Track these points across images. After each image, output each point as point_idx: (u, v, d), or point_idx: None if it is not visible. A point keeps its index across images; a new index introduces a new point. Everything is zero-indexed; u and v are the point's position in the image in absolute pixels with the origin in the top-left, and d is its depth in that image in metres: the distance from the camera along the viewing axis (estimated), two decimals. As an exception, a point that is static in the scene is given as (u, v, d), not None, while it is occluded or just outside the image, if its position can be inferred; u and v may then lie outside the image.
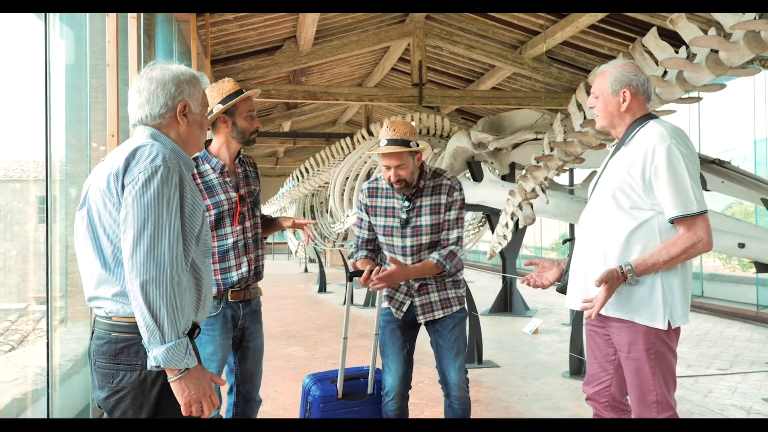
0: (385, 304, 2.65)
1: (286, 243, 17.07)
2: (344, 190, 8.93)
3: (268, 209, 15.55)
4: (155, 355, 1.42)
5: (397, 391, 2.59)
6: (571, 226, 6.79)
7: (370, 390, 2.66)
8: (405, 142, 2.52)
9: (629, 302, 2.02)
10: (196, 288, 1.60)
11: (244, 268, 2.41)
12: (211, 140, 2.50)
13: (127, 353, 1.50)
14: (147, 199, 1.44)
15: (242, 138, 2.46)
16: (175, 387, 1.46)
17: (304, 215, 12.57)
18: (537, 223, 13.77)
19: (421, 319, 2.59)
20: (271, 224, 2.64)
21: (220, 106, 2.40)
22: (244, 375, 2.52)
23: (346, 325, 2.73)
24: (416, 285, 2.58)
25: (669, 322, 2.01)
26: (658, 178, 1.97)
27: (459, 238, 2.58)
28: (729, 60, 3.05)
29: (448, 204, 2.58)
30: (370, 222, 2.68)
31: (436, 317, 2.59)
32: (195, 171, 2.38)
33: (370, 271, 2.46)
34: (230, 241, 2.40)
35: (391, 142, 2.52)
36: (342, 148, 9.12)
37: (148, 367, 1.44)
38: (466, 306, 2.69)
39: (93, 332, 1.58)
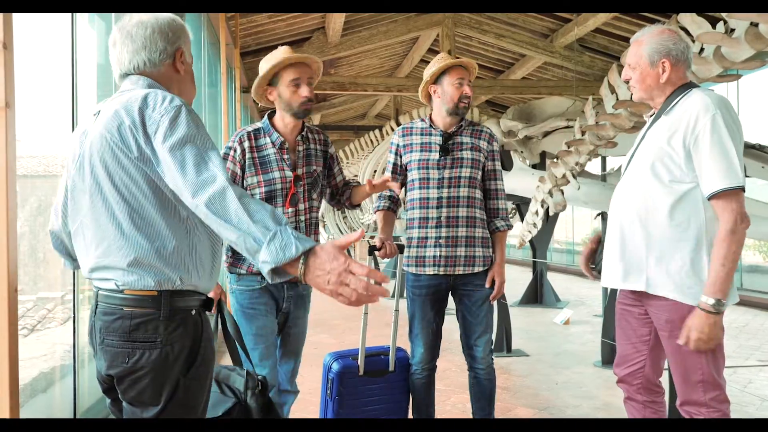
0: (413, 270, 2.59)
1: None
2: (373, 182, 8.92)
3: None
4: (263, 261, 1.17)
5: (425, 362, 2.61)
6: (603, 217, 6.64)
7: (391, 367, 2.63)
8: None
9: (675, 279, 1.90)
10: (210, 245, 1.44)
11: None
12: (274, 111, 2.34)
13: (144, 330, 1.34)
14: (181, 132, 1.29)
15: (289, 110, 2.26)
16: (313, 284, 1.18)
17: (333, 208, 12.65)
18: (568, 218, 13.54)
19: (441, 271, 2.53)
20: (357, 191, 2.53)
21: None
22: (280, 360, 2.45)
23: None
24: (444, 236, 2.52)
25: None
26: (698, 147, 1.86)
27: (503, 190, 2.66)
28: (770, 32, 2.92)
29: (490, 153, 2.61)
30: (400, 166, 2.66)
31: (457, 272, 2.53)
32: (253, 144, 2.27)
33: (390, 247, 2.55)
34: None
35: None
36: (371, 140, 9.09)
37: (270, 281, 1.19)
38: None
39: (96, 307, 1.40)
